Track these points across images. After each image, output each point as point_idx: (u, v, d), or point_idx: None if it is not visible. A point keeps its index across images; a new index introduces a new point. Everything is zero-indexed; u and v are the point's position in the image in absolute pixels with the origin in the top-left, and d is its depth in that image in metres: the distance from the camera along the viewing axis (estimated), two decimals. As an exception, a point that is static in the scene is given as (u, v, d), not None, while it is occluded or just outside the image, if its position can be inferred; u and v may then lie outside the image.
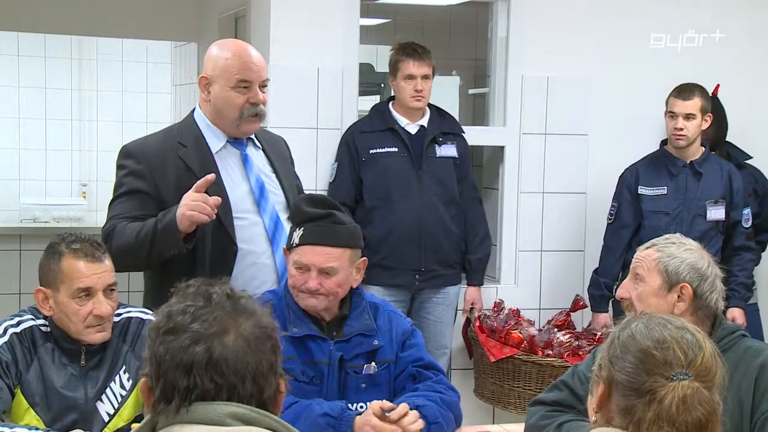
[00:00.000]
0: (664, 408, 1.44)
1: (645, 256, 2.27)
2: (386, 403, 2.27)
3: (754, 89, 4.34)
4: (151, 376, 1.36)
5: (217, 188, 2.73)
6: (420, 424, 2.26)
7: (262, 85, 2.79)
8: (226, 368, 1.32)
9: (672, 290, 2.21)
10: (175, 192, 2.70)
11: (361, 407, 2.40)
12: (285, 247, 2.56)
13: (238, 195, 2.79)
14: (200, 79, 2.81)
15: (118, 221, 2.71)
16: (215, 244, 2.74)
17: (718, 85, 4.23)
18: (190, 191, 2.61)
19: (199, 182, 2.60)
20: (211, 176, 2.61)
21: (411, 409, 2.28)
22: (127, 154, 2.81)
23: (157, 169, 2.74)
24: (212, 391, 1.32)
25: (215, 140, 2.82)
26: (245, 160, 2.85)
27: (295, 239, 2.47)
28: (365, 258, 2.56)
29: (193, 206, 2.56)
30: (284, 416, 2.18)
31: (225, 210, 2.74)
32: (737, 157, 4.23)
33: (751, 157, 4.27)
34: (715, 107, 4.09)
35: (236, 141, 2.85)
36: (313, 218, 2.46)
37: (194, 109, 2.88)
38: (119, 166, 2.81)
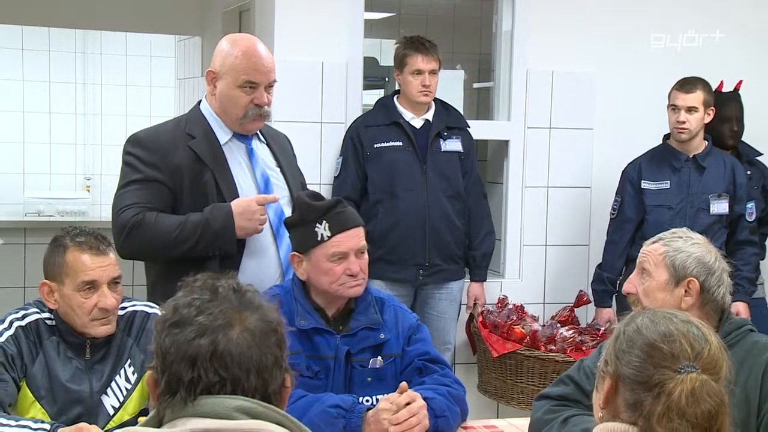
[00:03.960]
0: (674, 401, 1.44)
1: (652, 250, 2.26)
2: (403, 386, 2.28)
3: (754, 89, 4.33)
4: (157, 369, 1.36)
5: (226, 178, 2.73)
6: (424, 413, 2.26)
7: (269, 86, 2.78)
8: (230, 361, 1.33)
9: (679, 285, 2.21)
10: (187, 182, 2.71)
11: (367, 401, 2.40)
12: (297, 251, 2.50)
13: (244, 187, 2.79)
14: (207, 73, 2.80)
15: (140, 209, 2.68)
16: None
17: (740, 81, 4.21)
18: (250, 199, 2.67)
19: (266, 196, 2.69)
20: (273, 197, 2.72)
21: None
22: (138, 142, 2.78)
23: (170, 159, 2.72)
24: (216, 384, 1.32)
25: (222, 133, 2.81)
26: (251, 153, 2.85)
27: (324, 234, 2.44)
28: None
29: (261, 220, 2.68)
30: (294, 408, 2.20)
31: (234, 200, 2.73)
32: (747, 155, 4.22)
33: (761, 154, 4.27)
34: (738, 102, 4.10)
35: (241, 135, 2.85)
36: (330, 208, 2.47)
37: (200, 101, 2.87)
38: (130, 154, 2.77)
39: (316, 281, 2.48)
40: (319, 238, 2.45)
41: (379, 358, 2.48)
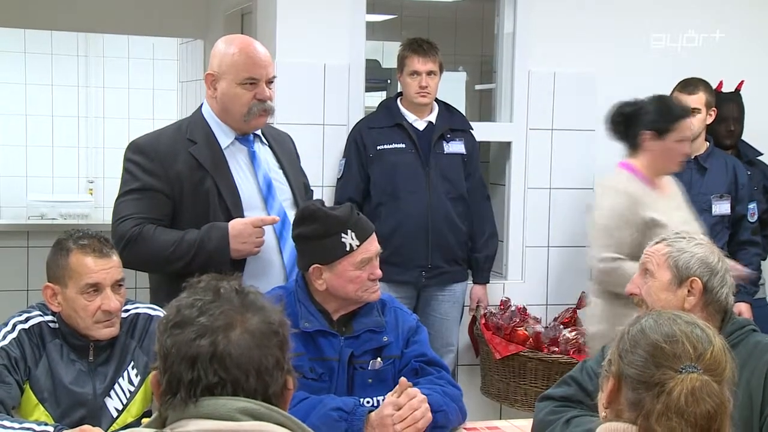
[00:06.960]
0: (673, 400, 1.44)
1: (655, 251, 2.26)
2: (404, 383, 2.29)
3: (754, 88, 4.33)
4: (160, 369, 1.36)
5: (227, 184, 2.73)
6: (426, 407, 2.26)
7: (269, 82, 2.78)
8: (230, 362, 1.33)
9: (682, 285, 2.21)
10: (188, 189, 2.70)
11: (368, 402, 2.40)
12: (319, 264, 2.44)
13: (246, 191, 2.79)
14: (207, 76, 2.80)
15: (139, 221, 2.69)
16: None
17: (742, 82, 4.21)
18: (247, 221, 2.67)
19: (264, 218, 2.69)
20: (272, 218, 2.71)
21: None
22: (138, 149, 2.78)
23: (170, 167, 2.72)
24: (217, 385, 1.33)
25: (224, 136, 2.81)
26: (253, 156, 2.85)
27: (352, 243, 2.42)
28: None
29: (257, 243, 2.67)
30: (296, 411, 2.20)
31: (236, 205, 2.74)
32: (747, 154, 4.22)
33: (761, 154, 4.27)
34: (737, 103, 4.10)
35: (244, 138, 2.85)
36: (352, 215, 2.45)
37: (201, 105, 2.87)
38: (130, 161, 2.77)
39: (340, 290, 2.44)
40: (348, 249, 2.42)
41: (378, 359, 2.48)
